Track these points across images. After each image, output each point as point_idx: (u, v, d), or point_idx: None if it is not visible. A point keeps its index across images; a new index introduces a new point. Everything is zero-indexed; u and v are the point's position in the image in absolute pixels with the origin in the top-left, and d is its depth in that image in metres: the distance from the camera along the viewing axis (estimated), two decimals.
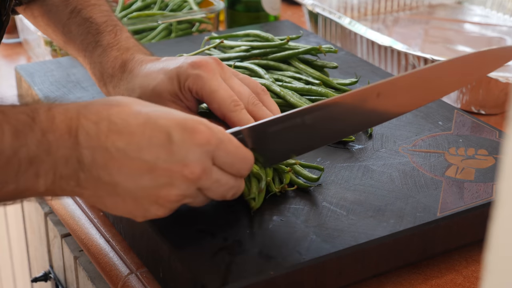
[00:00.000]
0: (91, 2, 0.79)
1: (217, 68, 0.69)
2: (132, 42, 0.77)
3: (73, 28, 0.79)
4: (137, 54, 0.75)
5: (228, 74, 0.70)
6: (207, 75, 0.68)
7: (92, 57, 0.77)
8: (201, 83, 0.68)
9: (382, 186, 0.69)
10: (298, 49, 0.88)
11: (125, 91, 0.73)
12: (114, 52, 0.75)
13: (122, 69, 0.74)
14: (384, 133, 0.79)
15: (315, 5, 1.16)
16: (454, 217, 0.65)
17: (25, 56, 1.19)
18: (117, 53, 0.75)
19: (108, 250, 0.70)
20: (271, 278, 0.57)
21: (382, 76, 0.93)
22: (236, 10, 1.19)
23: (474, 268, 0.66)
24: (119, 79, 0.74)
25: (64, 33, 0.80)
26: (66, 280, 0.85)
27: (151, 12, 1.12)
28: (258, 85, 0.72)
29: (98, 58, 0.76)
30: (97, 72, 0.77)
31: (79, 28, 0.78)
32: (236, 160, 0.59)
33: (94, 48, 0.77)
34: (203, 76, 0.68)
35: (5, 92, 1.04)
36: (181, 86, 0.69)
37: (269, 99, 0.72)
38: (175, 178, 0.55)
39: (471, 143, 0.77)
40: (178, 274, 0.59)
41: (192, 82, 0.68)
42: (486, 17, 1.30)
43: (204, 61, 0.69)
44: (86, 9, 0.79)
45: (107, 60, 0.75)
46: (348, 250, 0.60)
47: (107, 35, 0.77)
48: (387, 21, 1.29)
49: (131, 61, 0.74)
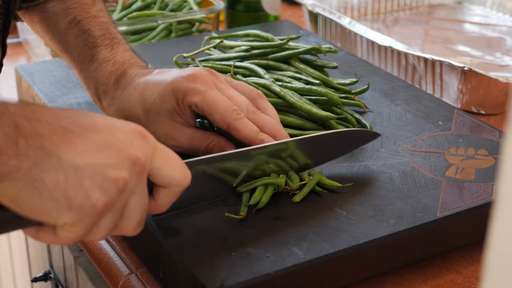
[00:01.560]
0: (91, 14, 0.79)
1: (212, 79, 0.69)
2: (128, 55, 0.76)
3: (70, 38, 0.78)
4: (130, 68, 0.74)
5: (224, 84, 0.70)
6: (204, 87, 0.68)
7: (88, 71, 0.76)
8: (199, 96, 0.67)
9: (382, 186, 0.69)
10: (298, 49, 0.88)
11: (121, 110, 0.72)
12: (109, 67, 0.75)
13: (115, 86, 0.73)
14: (384, 133, 0.79)
15: (315, 5, 1.16)
16: (454, 217, 0.65)
17: (25, 56, 1.19)
18: (111, 68, 0.74)
19: (108, 250, 0.70)
20: (271, 278, 0.57)
21: (382, 76, 0.93)
22: (236, 10, 1.19)
23: (474, 268, 0.66)
24: (112, 97, 0.73)
25: (62, 43, 0.80)
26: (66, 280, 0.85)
27: (151, 12, 1.12)
28: (254, 90, 0.72)
29: (93, 73, 0.76)
30: (92, 87, 0.76)
31: (76, 39, 0.78)
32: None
33: (90, 62, 0.76)
34: (200, 89, 0.68)
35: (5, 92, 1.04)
36: (178, 101, 0.69)
37: (266, 103, 0.73)
38: (124, 160, 0.52)
39: (471, 143, 0.77)
40: (178, 274, 0.59)
41: (190, 96, 0.68)
42: (486, 17, 1.30)
43: (199, 73, 0.69)
44: (85, 20, 0.78)
45: (101, 76, 0.75)
46: (348, 250, 0.60)
47: (103, 49, 0.76)
48: (387, 21, 1.29)
49: (123, 77, 0.73)
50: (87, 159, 0.51)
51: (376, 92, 0.89)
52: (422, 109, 0.84)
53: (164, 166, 0.55)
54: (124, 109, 0.72)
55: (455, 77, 0.94)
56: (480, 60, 1.12)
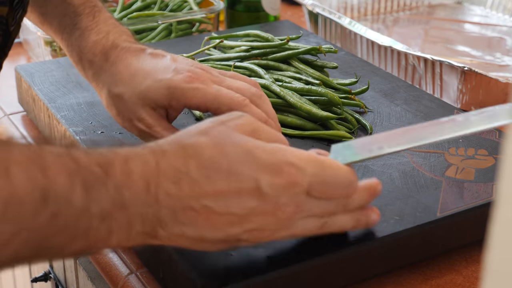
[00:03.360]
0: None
1: (208, 76, 0.69)
2: (111, 23, 0.75)
3: (49, 9, 0.77)
4: (119, 41, 0.73)
5: (220, 77, 0.70)
6: (203, 85, 0.67)
7: (70, 39, 0.75)
8: (200, 94, 0.67)
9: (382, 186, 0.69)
10: (298, 49, 0.88)
11: (108, 84, 0.72)
12: (93, 36, 0.73)
13: (104, 57, 0.72)
14: None
15: (315, 5, 1.16)
16: (454, 217, 0.65)
17: (25, 56, 1.19)
18: (96, 37, 0.73)
19: (108, 250, 0.70)
20: (271, 278, 0.57)
21: (382, 76, 0.93)
22: (236, 10, 1.19)
23: (474, 268, 0.66)
24: (100, 68, 0.72)
25: (41, 14, 0.79)
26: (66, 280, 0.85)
27: (151, 12, 1.12)
28: (247, 79, 0.72)
29: (76, 41, 0.75)
30: (75, 56, 0.75)
31: (56, 9, 0.77)
32: (336, 187, 0.55)
33: (71, 30, 0.75)
34: (200, 87, 0.67)
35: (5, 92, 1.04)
36: (172, 100, 0.68)
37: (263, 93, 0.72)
38: (267, 222, 0.53)
39: (471, 143, 0.77)
40: (178, 274, 0.59)
41: (191, 96, 0.67)
42: (486, 17, 1.30)
43: (195, 73, 0.68)
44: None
45: (85, 45, 0.74)
46: (348, 250, 0.60)
47: (85, 17, 0.75)
48: (387, 21, 1.29)
49: (114, 50, 0.72)
50: (227, 232, 0.53)
51: (376, 92, 0.89)
52: (422, 109, 0.84)
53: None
54: (111, 84, 0.71)
55: (455, 77, 0.94)
56: (480, 60, 1.12)
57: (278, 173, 0.52)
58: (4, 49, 0.73)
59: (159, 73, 0.69)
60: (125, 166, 0.49)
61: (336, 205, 0.56)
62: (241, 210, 0.52)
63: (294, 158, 0.53)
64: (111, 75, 0.71)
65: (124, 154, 0.50)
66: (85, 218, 0.47)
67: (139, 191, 0.49)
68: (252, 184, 0.52)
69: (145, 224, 0.50)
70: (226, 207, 0.51)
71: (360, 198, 0.58)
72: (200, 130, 0.54)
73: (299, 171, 0.53)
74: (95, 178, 0.48)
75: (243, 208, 0.52)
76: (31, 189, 0.45)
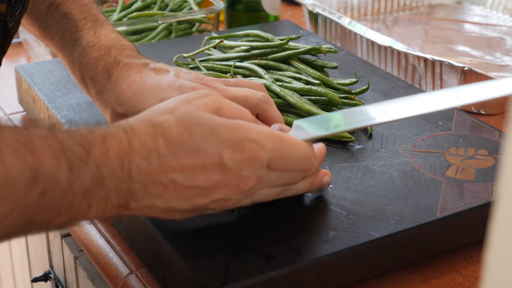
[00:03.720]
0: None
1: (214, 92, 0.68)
2: (113, 37, 0.75)
3: (51, 23, 0.77)
4: (121, 57, 0.72)
5: (224, 89, 0.69)
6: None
7: (72, 56, 0.75)
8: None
9: (382, 186, 0.69)
10: (298, 49, 0.88)
11: (111, 104, 0.71)
12: (94, 53, 0.73)
13: (106, 75, 0.72)
14: (384, 133, 0.79)
15: (315, 5, 1.16)
16: (454, 217, 0.65)
17: (25, 56, 1.19)
18: (97, 53, 0.73)
19: (108, 250, 0.70)
20: (271, 278, 0.57)
21: (382, 76, 0.93)
22: (236, 10, 1.19)
23: (474, 268, 0.66)
24: (103, 87, 0.72)
25: (42, 28, 0.78)
26: (66, 280, 0.85)
27: (151, 12, 1.12)
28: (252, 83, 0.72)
29: (78, 58, 0.74)
30: (77, 72, 0.75)
31: (57, 24, 0.76)
32: (293, 161, 0.59)
33: (73, 47, 0.75)
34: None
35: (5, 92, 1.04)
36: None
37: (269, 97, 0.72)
38: (231, 193, 0.57)
39: (471, 143, 0.77)
40: (178, 274, 0.59)
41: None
42: (486, 17, 1.30)
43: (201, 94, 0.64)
44: (65, 3, 0.76)
45: (87, 61, 0.73)
46: (348, 250, 0.60)
47: (86, 33, 0.75)
48: (387, 21, 1.29)
49: (116, 67, 0.72)
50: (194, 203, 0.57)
51: (376, 92, 0.89)
52: None
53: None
54: (115, 104, 0.71)
55: (455, 77, 0.94)
56: (480, 60, 1.12)
57: (240, 148, 0.56)
58: (3, 46, 0.73)
59: (164, 91, 0.69)
60: (103, 145, 0.53)
61: (295, 177, 0.60)
62: (206, 183, 0.55)
63: (255, 134, 0.57)
64: (115, 95, 0.71)
65: (101, 134, 0.54)
66: (69, 195, 0.51)
67: (115, 168, 0.53)
68: (216, 159, 0.55)
69: (119, 198, 0.54)
70: (192, 180, 0.55)
71: (316, 166, 0.62)
72: (168, 109, 0.57)
73: (259, 146, 0.56)
74: (78, 158, 0.51)
75: (208, 181, 0.55)
76: (22, 170, 0.48)
